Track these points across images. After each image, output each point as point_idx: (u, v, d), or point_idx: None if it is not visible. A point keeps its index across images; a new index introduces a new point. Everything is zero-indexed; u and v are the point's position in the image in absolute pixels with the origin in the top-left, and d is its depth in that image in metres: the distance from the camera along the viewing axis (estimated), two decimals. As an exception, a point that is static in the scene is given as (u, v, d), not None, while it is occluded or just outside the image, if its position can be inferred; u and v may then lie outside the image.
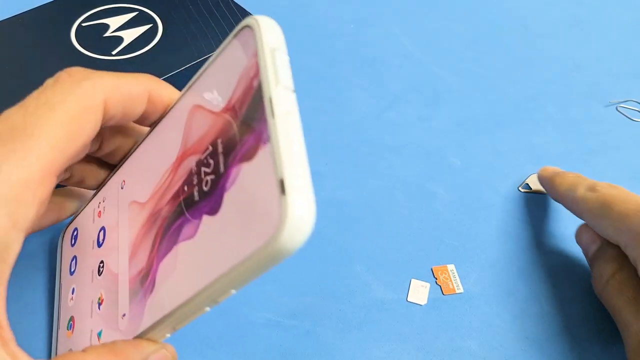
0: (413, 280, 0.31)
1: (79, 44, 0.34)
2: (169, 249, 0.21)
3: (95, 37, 0.34)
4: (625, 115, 0.41)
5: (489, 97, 0.42)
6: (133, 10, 0.36)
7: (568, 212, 0.31)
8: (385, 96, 0.41)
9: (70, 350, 0.25)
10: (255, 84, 0.18)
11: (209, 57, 0.34)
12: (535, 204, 0.35)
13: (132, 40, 0.34)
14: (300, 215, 0.15)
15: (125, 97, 0.23)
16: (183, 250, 0.20)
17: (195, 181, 0.20)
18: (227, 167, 0.18)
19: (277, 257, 0.16)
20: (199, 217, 0.19)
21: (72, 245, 0.29)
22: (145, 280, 0.22)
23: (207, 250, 0.18)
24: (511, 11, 0.50)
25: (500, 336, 0.29)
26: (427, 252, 0.32)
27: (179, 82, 0.33)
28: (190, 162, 0.21)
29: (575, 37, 0.47)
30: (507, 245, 0.33)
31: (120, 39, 0.34)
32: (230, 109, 0.19)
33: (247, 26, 0.19)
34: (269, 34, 0.19)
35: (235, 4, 0.37)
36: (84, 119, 0.21)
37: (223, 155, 0.19)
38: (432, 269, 0.31)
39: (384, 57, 0.44)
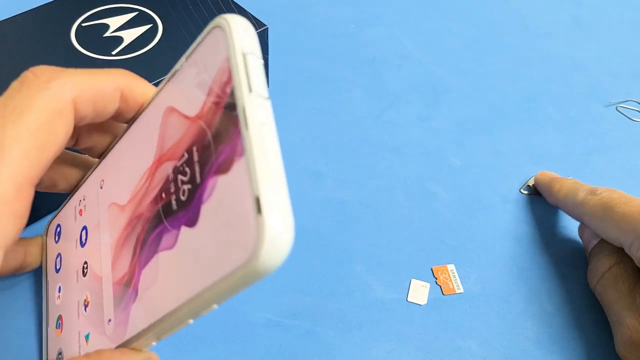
0: (413, 280, 0.31)
1: (79, 44, 0.34)
2: (149, 258, 0.20)
3: (95, 37, 0.34)
4: (625, 115, 0.41)
5: (489, 97, 0.42)
6: (133, 10, 0.36)
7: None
8: (385, 96, 0.41)
9: (60, 349, 0.25)
10: (228, 90, 0.17)
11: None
12: (535, 204, 0.35)
13: (132, 40, 0.34)
14: (277, 234, 0.15)
15: (96, 96, 0.22)
16: (163, 261, 0.20)
17: (172, 189, 0.20)
18: (204, 178, 0.18)
19: (256, 276, 0.16)
20: (178, 228, 0.19)
21: (56, 242, 0.28)
22: (129, 286, 0.21)
23: (187, 262, 0.18)
24: (511, 11, 0.50)
25: (500, 336, 0.29)
26: (427, 252, 0.32)
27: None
28: (167, 168, 0.20)
29: (575, 37, 0.47)
30: (507, 245, 0.33)
31: (120, 39, 0.34)
32: (204, 115, 0.18)
33: (217, 26, 0.18)
34: (240, 36, 0.18)
35: (235, 4, 0.37)
36: (54, 125, 0.20)
37: (199, 165, 0.18)
38: (432, 269, 0.31)
39: (384, 57, 0.44)
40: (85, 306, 0.24)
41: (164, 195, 0.20)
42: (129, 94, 0.22)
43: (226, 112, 0.17)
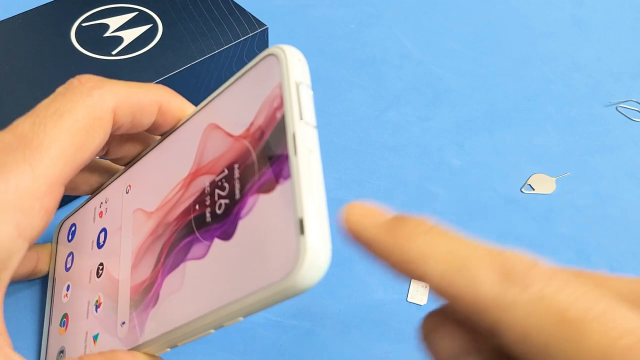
0: (413, 281, 0.31)
1: (79, 44, 0.34)
2: (175, 265, 0.21)
3: (95, 37, 0.34)
4: (625, 115, 0.41)
5: (489, 97, 0.42)
6: (133, 10, 0.36)
7: (570, 212, 0.31)
8: (385, 96, 0.41)
9: (62, 347, 0.25)
10: (278, 115, 0.18)
11: (209, 58, 0.34)
12: (537, 204, 0.35)
13: (132, 40, 0.34)
14: (317, 256, 0.16)
15: (134, 107, 0.23)
16: (191, 269, 0.20)
17: (208, 202, 0.20)
18: (244, 195, 0.19)
19: (291, 294, 0.16)
20: (210, 239, 0.20)
21: (69, 240, 0.28)
22: (149, 292, 0.22)
23: (218, 274, 0.19)
24: (511, 11, 0.49)
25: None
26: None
27: (179, 82, 0.33)
28: (204, 181, 0.21)
29: (576, 37, 0.47)
30: (507, 245, 0.32)
31: (120, 39, 0.34)
32: (250, 135, 0.19)
33: (273, 55, 0.19)
34: (295, 66, 0.19)
35: (235, 4, 0.37)
36: (92, 130, 0.21)
37: (239, 181, 0.19)
38: (432, 269, 0.31)
39: (383, 57, 0.44)
40: (97, 307, 0.24)
41: (197, 206, 0.21)
42: (166, 108, 0.24)
43: (274, 135, 0.18)
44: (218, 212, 0.20)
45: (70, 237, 0.29)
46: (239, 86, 0.21)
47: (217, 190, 0.20)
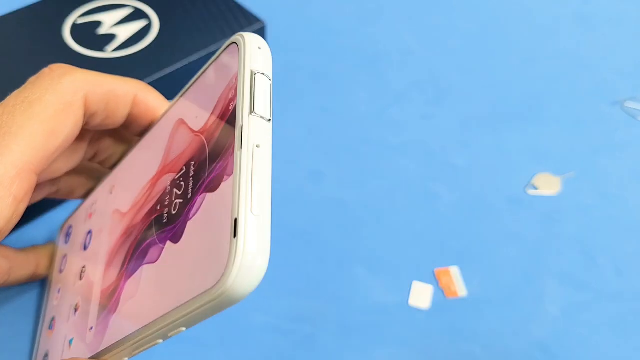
0: (414, 283, 0.30)
1: (73, 42, 0.33)
2: (135, 269, 0.20)
3: (90, 35, 0.34)
4: (631, 114, 0.40)
5: (493, 95, 0.41)
6: (128, 7, 0.36)
7: (575, 213, 0.31)
8: (387, 94, 0.40)
9: (47, 350, 0.25)
10: (231, 107, 0.17)
11: (205, 56, 0.33)
12: (541, 204, 0.34)
13: (127, 38, 0.34)
14: (249, 261, 0.14)
15: (107, 95, 0.22)
16: (146, 273, 0.19)
17: (167, 202, 0.19)
18: (194, 194, 0.18)
19: (225, 302, 0.15)
20: (164, 242, 0.19)
21: (66, 242, 0.28)
22: (113, 296, 0.21)
23: (165, 279, 0.18)
24: (516, 7, 0.49)
25: (504, 341, 0.28)
26: (429, 254, 0.31)
27: (175, 80, 0.32)
28: (166, 180, 0.20)
29: (581, 34, 0.47)
30: (512, 247, 0.32)
31: (115, 37, 0.34)
32: (207, 130, 0.18)
33: (234, 42, 0.19)
34: (253, 54, 0.18)
35: (231, 0, 0.36)
36: (63, 116, 0.21)
37: (193, 180, 0.18)
38: (434, 272, 0.30)
39: (386, 53, 0.43)
40: (75, 310, 0.24)
41: (159, 207, 0.20)
42: (141, 100, 0.23)
43: (226, 129, 0.17)
44: (173, 212, 0.19)
45: (67, 239, 0.28)
46: (204, 78, 0.20)
47: (174, 190, 0.19)
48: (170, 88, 0.27)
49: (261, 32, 0.35)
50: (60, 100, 0.21)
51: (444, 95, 0.41)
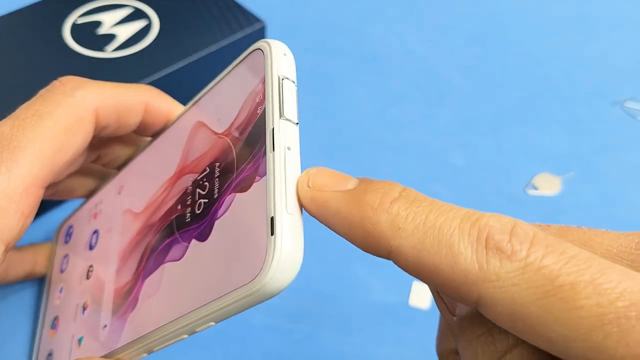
0: (415, 283, 0.30)
1: (73, 42, 0.33)
2: (155, 267, 0.20)
3: (90, 35, 0.34)
4: (631, 114, 0.40)
5: (493, 95, 0.41)
6: (128, 6, 0.36)
7: (575, 213, 0.30)
8: (387, 94, 0.40)
9: (51, 350, 0.25)
10: (259, 111, 0.18)
11: (205, 56, 0.33)
12: (541, 204, 0.34)
13: (127, 38, 0.34)
14: (286, 257, 0.15)
15: (119, 107, 0.22)
16: (168, 272, 0.20)
17: (189, 201, 0.20)
18: (221, 194, 0.18)
19: (260, 298, 0.16)
20: (188, 240, 0.19)
21: (66, 242, 0.28)
22: (129, 294, 0.21)
23: (192, 276, 0.18)
24: (515, 7, 0.49)
25: (504, 341, 0.28)
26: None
27: (175, 80, 0.32)
28: (187, 180, 0.21)
29: (581, 34, 0.47)
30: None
31: (115, 37, 0.34)
32: (232, 132, 0.19)
33: (259, 49, 0.19)
34: (279, 60, 0.18)
35: (231, 0, 0.36)
36: (73, 131, 0.21)
37: (219, 180, 0.19)
38: (434, 272, 0.30)
39: (386, 54, 0.43)
40: (84, 309, 0.24)
41: (179, 207, 0.20)
42: (153, 108, 0.23)
43: (254, 132, 0.18)
44: (197, 212, 0.19)
45: (67, 239, 0.28)
46: (225, 82, 0.21)
47: (197, 190, 0.20)
48: (170, 88, 0.27)
49: (261, 32, 0.35)
50: (71, 115, 0.21)
51: (443, 96, 0.41)
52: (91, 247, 0.26)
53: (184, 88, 0.33)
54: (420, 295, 0.29)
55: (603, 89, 0.42)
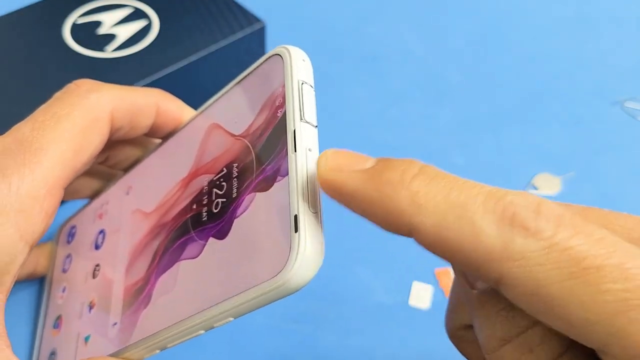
0: (415, 283, 0.30)
1: (73, 42, 0.33)
2: (169, 265, 0.21)
3: (90, 35, 0.34)
4: (631, 114, 0.40)
5: (493, 95, 0.41)
6: (128, 6, 0.36)
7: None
8: (387, 94, 0.40)
9: (54, 349, 0.25)
10: (279, 114, 0.18)
11: (205, 56, 0.33)
12: (541, 205, 0.34)
13: (127, 38, 0.34)
14: (310, 254, 0.16)
15: (132, 109, 0.23)
16: (184, 269, 0.20)
17: (205, 201, 0.20)
18: (241, 193, 0.19)
19: (282, 293, 0.16)
20: (205, 239, 0.19)
21: (69, 242, 0.28)
22: (142, 292, 0.21)
23: (210, 273, 0.18)
24: (516, 7, 0.49)
25: (505, 341, 0.28)
26: (429, 255, 0.31)
27: (175, 80, 0.32)
28: (202, 181, 0.21)
29: (581, 34, 0.47)
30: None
31: (115, 36, 0.34)
32: (250, 134, 0.19)
33: (278, 54, 0.20)
34: (299, 66, 0.19)
35: (231, 0, 0.36)
36: (90, 132, 0.22)
37: (237, 180, 0.19)
38: (434, 272, 0.30)
39: (386, 54, 0.43)
40: (90, 308, 0.24)
41: (195, 206, 0.21)
42: (164, 110, 0.24)
43: (274, 134, 0.18)
44: (214, 211, 0.20)
45: (69, 239, 0.28)
46: (242, 86, 0.21)
47: (214, 190, 0.20)
48: (170, 88, 0.27)
49: (261, 32, 0.35)
50: (87, 116, 0.21)
51: (444, 96, 0.41)
52: (97, 247, 0.26)
53: (184, 88, 0.33)
54: (420, 295, 0.29)
55: (603, 89, 0.42)
